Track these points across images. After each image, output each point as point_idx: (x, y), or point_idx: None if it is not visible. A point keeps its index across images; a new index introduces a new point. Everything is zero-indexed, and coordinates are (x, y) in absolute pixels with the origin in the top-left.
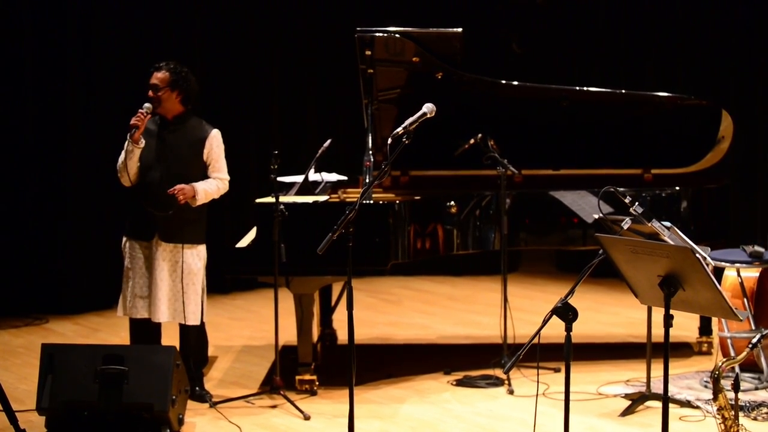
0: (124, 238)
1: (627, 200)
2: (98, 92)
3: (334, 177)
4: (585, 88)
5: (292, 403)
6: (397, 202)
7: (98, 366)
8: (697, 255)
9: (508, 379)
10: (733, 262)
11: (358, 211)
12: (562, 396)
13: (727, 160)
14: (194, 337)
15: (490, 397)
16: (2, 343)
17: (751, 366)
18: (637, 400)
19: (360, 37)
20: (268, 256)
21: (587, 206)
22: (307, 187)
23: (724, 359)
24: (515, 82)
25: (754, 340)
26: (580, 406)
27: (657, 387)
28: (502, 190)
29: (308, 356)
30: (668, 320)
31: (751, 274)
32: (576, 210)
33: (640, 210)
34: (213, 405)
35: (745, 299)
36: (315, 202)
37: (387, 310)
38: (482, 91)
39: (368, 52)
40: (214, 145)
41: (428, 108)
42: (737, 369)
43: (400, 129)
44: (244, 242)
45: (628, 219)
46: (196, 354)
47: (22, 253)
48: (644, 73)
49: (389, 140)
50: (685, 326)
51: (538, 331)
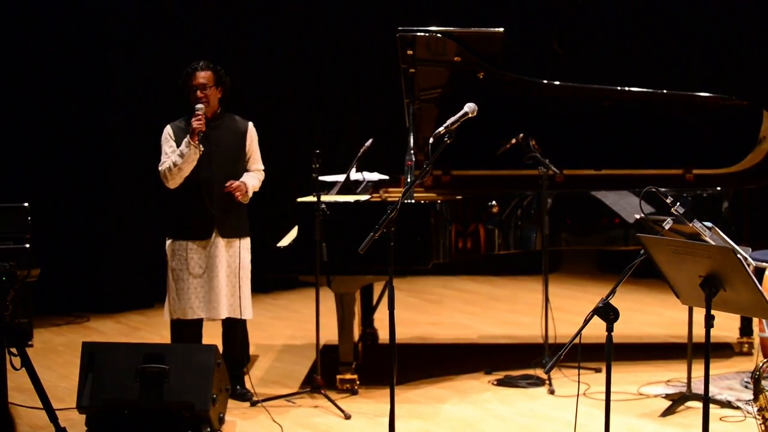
0: (169, 240)
1: (668, 200)
2: (139, 96)
3: (375, 176)
4: (627, 88)
5: (333, 402)
6: (439, 201)
7: (139, 365)
8: (738, 255)
9: (549, 379)
10: None
11: (399, 210)
12: (603, 396)
13: None
14: (240, 334)
15: (531, 397)
16: (43, 341)
17: None
18: (677, 401)
19: (402, 36)
20: (309, 255)
21: (628, 206)
22: (349, 187)
23: (765, 360)
24: (557, 82)
25: None
26: (620, 406)
27: (697, 387)
28: (543, 190)
29: (349, 355)
30: (709, 320)
31: None
32: (617, 210)
33: (681, 210)
34: (254, 404)
35: None
36: (356, 202)
37: (428, 309)
38: (524, 90)
39: (410, 52)
40: (253, 137)
41: (470, 107)
42: None
43: (441, 128)
44: (285, 241)
45: (669, 219)
46: (238, 353)
47: (64, 253)
48: (685, 72)
49: (431, 140)
50: (726, 327)
51: (579, 331)
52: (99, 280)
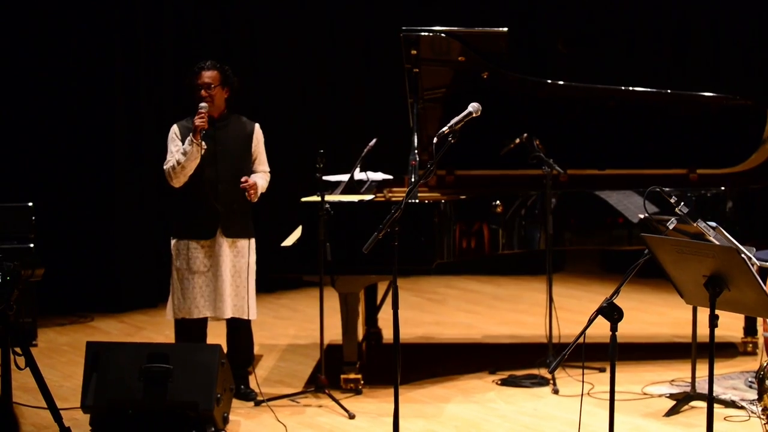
0: (174, 240)
1: (672, 200)
2: (144, 95)
3: (379, 176)
4: (631, 88)
5: (337, 401)
6: (443, 201)
7: (143, 364)
8: (743, 255)
9: (553, 378)
10: None
11: (403, 210)
12: (607, 396)
13: None
14: (244, 334)
15: (535, 397)
16: (47, 340)
17: None
18: (681, 400)
19: (406, 36)
20: (313, 255)
21: (633, 206)
22: (353, 186)
23: None
24: (561, 82)
25: None
26: (625, 405)
27: (702, 387)
28: (547, 190)
29: (353, 355)
30: (713, 320)
31: None
32: (621, 210)
33: (685, 210)
34: (258, 404)
35: None
36: (360, 201)
37: (432, 309)
38: (528, 90)
39: (414, 52)
40: (260, 138)
41: (474, 107)
42: None
43: (445, 128)
44: (289, 241)
45: (673, 219)
46: (243, 352)
47: (68, 252)
48: (690, 73)
49: (435, 139)
50: (731, 326)
51: (583, 331)
52: (103, 279)
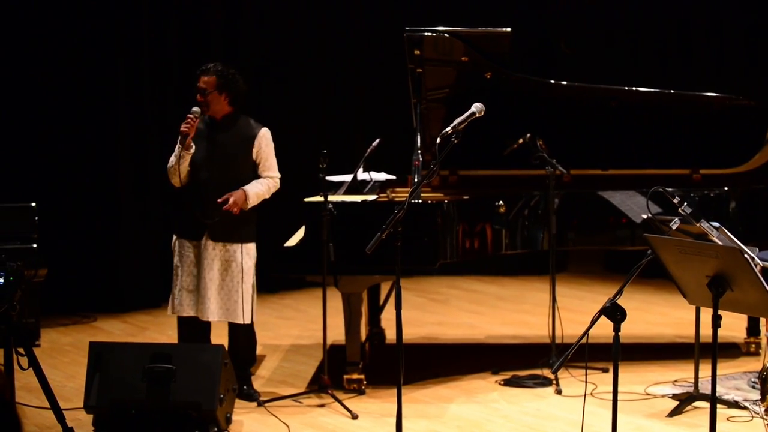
0: (174, 237)
1: (676, 200)
2: (147, 96)
3: (382, 176)
4: (634, 88)
5: (339, 402)
6: (446, 201)
7: (146, 364)
8: (746, 255)
9: (556, 378)
10: None
11: (406, 210)
12: (610, 396)
13: None
14: (243, 336)
15: (538, 397)
16: (50, 341)
17: None
18: (684, 401)
19: (409, 36)
20: (316, 255)
21: (636, 206)
22: (356, 187)
23: None
24: (564, 82)
25: None
26: (627, 406)
27: (705, 387)
28: (550, 190)
29: (356, 355)
30: (716, 321)
31: None
32: (624, 210)
33: (688, 210)
34: (261, 404)
35: None
36: (364, 202)
37: (435, 309)
38: (531, 90)
39: (417, 52)
40: (263, 143)
41: (477, 107)
42: None
43: (449, 128)
44: (292, 241)
45: (676, 219)
46: (244, 353)
47: (71, 252)
48: (693, 73)
49: (438, 140)
50: (734, 327)
51: (586, 331)
52: (106, 280)
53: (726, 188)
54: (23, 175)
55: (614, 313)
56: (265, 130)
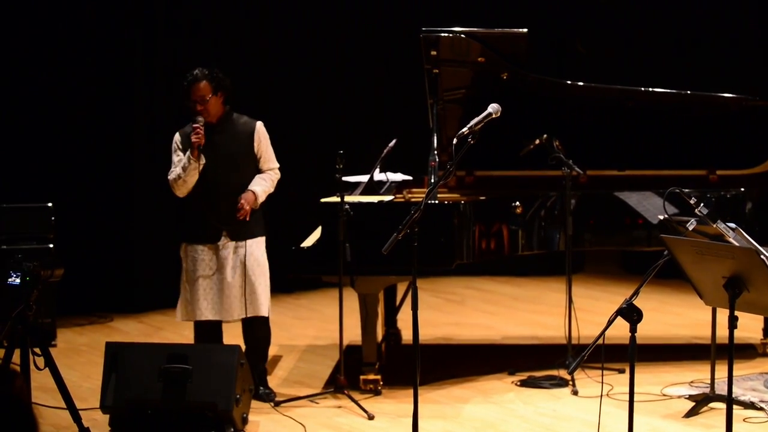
0: (183, 244)
1: (692, 201)
2: (163, 98)
3: (399, 177)
4: (650, 89)
5: (356, 402)
6: (462, 202)
7: (162, 365)
8: (762, 256)
9: (573, 379)
10: None
11: (423, 211)
12: (627, 397)
13: None
14: (261, 330)
15: (554, 398)
16: (67, 341)
17: None
18: (700, 402)
19: (425, 37)
20: (333, 255)
21: (652, 207)
22: (372, 187)
23: None
24: (580, 83)
25: None
26: (644, 407)
27: (721, 388)
28: (567, 191)
29: (372, 356)
30: (733, 322)
31: None
32: (641, 211)
33: (705, 211)
34: (277, 404)
35: None
36: (380, 202)
37: (451, 310)
38: (547, 91)
39: (434, 52)
40: (261, 137)
41: (494, 108)
42: None
43: (465, 129)
44: (309, 242)
45: (693, 220)
46: (264, 347)
47: (87, 253)
48: (709, 73)
49: (454, 140)
50: (750, 328)
51: (602, 332)
52: (122, 280)
53: (742, 189)
54: (40, 176)
55: (631, 313)
56: (260, 123)
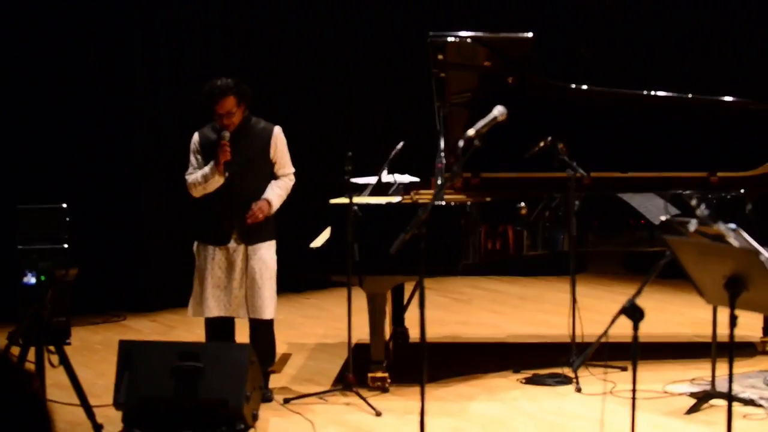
0: (196, 242)
1: (693, 202)
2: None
3: (406, 178)
4: (653, 92)
5: (364, 399)
6: (469, 203)
7: (174, 362)
8: (762, 257)
9: (576, 377)
10: None
11: (430, 212)
12: (629, 394)
13: None
14: (264, 333)
15: (559, 395)
16: (81, 339)
17: None
18: (701, 399)
19: (432, 41)
20: (341, 255)
21: (654, 208)
22: (381, 189)
23: None
24: (584, 86)
25: None
26: (646, 404)
27: (721, 386)
28: (571, 192)
29: (380, 354)
30: (733, 320)
31: None
32: (643, 212)
33: (706, 212)
34: (286, 401)
35: None
36: (388, 203)
37: (458, 309)
38: (552, 95)
39: (441, 56)
40: (279, 142)
41: (499, 111)
42: None
43: (471, 131)
44: (318, 242)
45: (694, 221)
46: (264, 350)
47: (101, 253)
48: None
49: (460, 143)
50: (750, 326)
51: (606, 331)
52: (135, 279)
53: (743, 191)
54: (54, 177)
55: (633, 312)
56: (278, 128)
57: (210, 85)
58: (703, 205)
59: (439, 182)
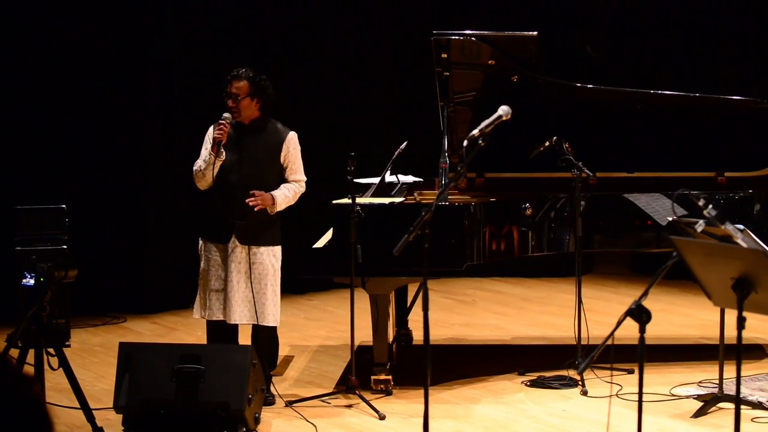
0: (200, 240)
1: (701, 203)
2: (176, 99)
3: (410, 179)
4: (659, 92)
5: (367, 402)
6: (473, 203)
7: (175, 365)
8: None
9: (582, 379)
10: None
11: (434, 212)
12: (636, 397)
13: None
14: (266, 339)
15: (564, 398)
16: (80, 341)
17: None
18: (709, 402)
19: (436, 40)
20: (344, 256)
21: (661, 209)
22: (384, 189)
23: None
24: (590, 85)
25: None
26: (653, 407)
27: (729, 389)
28: (576, 193)
29: (383, 356)
30: (741, 322)
31: None
32: (650, 212)
33: (713, 213)
34: (289, 404)
35: None
36: (391, 204)
37: (462, 310)
38: (557, 94)
39: (444, 55)
40: (291, 147)
41: (504, 111)
42: None
43: (475, 131)
44: (320, 243)
45: (701, 222)
46: (267, 356)
47: (101, 254)
48: (718, 76)
49: (465, 142)
50: (758, 328)
51: (612, 333)
52: (136, 281)
53: (751, 191)
54: (54, 178)
55: (640, 314)
56: (292, 133)
57: (233, 69)
58: (711, 206)
59: (443, 182)
